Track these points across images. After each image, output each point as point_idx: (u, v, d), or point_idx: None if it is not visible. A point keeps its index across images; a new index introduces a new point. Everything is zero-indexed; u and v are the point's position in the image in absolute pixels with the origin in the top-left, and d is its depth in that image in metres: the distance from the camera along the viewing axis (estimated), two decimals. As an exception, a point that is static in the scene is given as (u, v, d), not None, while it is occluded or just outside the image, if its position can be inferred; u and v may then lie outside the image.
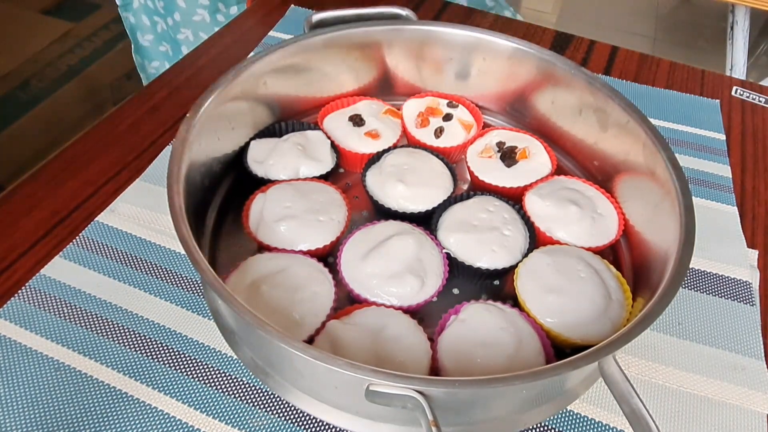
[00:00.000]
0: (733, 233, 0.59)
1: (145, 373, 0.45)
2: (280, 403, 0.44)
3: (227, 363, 0.46)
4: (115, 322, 0.48)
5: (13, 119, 1.51)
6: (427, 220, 0.54)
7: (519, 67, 0.61)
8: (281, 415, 0.43)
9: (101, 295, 0.49)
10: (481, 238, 0.50)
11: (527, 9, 2.36)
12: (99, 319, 0.48)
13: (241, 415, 0.43)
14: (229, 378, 0.45)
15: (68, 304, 0.48)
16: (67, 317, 0.48)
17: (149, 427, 0.42)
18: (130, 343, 0.47)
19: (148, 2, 0.91)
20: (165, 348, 0.46)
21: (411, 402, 0.34)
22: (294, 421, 0.43)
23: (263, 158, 0.56)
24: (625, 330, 0.38)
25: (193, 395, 0.44)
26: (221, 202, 0.56)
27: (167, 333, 0.47)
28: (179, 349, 0.46)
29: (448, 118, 0.62)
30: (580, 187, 0.56)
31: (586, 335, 0.44)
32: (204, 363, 0.46)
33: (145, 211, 0.56)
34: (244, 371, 0.45)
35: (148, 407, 0.43)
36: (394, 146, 0.60)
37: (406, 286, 0.47)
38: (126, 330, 0.47)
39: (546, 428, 0.44)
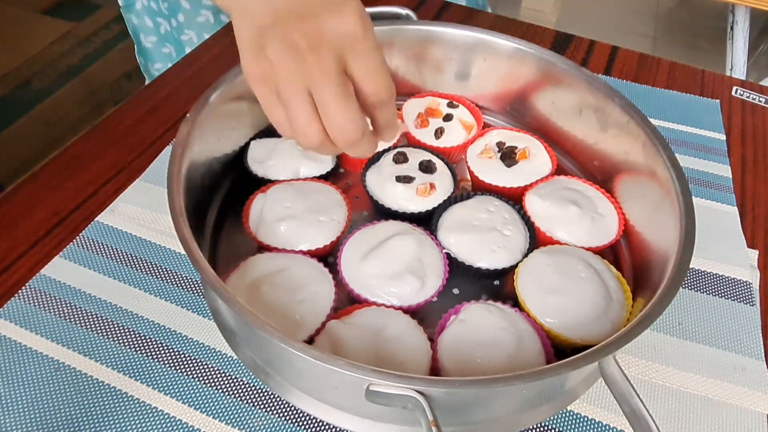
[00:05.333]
0: (733, 233, 0.59)
1: (145, 373, 0.45)
2: (280, 403, 0.44)
3: (227, 363, 0.46)
4: (115, 322, 0.48)
5: (13, 119, 1.51)
6: (427, 220, 0.54)
7: (519, 67, 0.61)
8: (281, 415, 0.43)
9: (101, 295, 0.49)
10: (481, 238, 0.50)
11: (527, 9, 2.36)
12: (99, 319, 0.48)
13: (241, 415, 0.43)
14: (229, 378, 0.45)
15: (68, 304, 0.48)
16: (67, 317, 0.48)
17: (149, 427, 0.42)
18: (130, 343, 0.47)
19: (152, 3, 0.91)
20: (165, 348, 0.46)
21: (411, 402, 0.34)
22: (294, 421, 0.43)
23: (263, 158, 0.56)
24: (625, 330, 0.38)
25: (193, 395, 0.44)
26: (221, 202, 0.56)
27: (167, 333, 0.47)
28: (179, 349, 0.46)
29: (448, 118, 0.62)
30: (580, 187, 0.56)
31: (586, 335, 0.44)
32: (204, 363, 0.46)
33: (145, 211, 0.56)
34: (244, 371, 0.45)
35: (148, 407, 0.43)
36: (394, 146, 0.60)
37: (406, 286, 0.47)
38: (126, 330, 0.47)
39: (546, 428, 0.44)
